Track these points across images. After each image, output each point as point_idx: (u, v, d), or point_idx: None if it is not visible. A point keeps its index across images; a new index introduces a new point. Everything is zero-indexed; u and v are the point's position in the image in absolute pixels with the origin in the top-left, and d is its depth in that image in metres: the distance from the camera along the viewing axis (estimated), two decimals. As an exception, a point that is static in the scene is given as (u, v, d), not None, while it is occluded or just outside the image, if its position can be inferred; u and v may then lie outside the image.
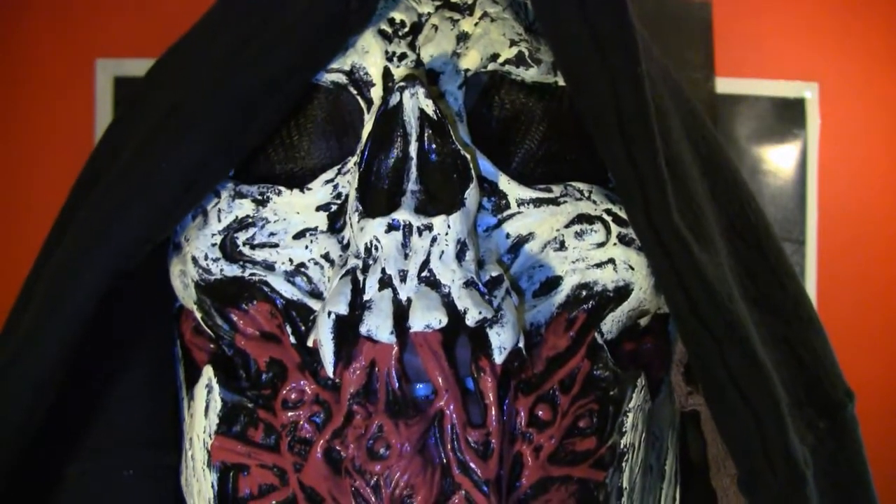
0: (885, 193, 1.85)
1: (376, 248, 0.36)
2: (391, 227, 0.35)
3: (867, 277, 1.82)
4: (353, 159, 0.40)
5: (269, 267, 0.40)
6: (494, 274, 0.37)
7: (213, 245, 0.41)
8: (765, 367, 0.40)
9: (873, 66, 1.84)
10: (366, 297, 0.35)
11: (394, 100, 0.37)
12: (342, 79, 0.42)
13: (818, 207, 1.82)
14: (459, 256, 0.36)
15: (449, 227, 0.36)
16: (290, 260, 0.40)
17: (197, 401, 0.42)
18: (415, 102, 0.37)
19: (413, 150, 0.36)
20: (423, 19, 0.43)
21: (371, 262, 0.36)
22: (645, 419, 0.42)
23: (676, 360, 0.49)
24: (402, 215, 0.35)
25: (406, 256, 0.35)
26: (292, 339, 0.39)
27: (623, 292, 0.41)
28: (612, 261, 0.40)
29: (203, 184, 0.41)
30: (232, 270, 0.41)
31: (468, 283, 0.36)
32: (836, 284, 1.80)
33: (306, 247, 0.40)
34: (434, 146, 0.37)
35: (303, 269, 0.40)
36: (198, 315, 0.42)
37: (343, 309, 0.35)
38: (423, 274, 0.36)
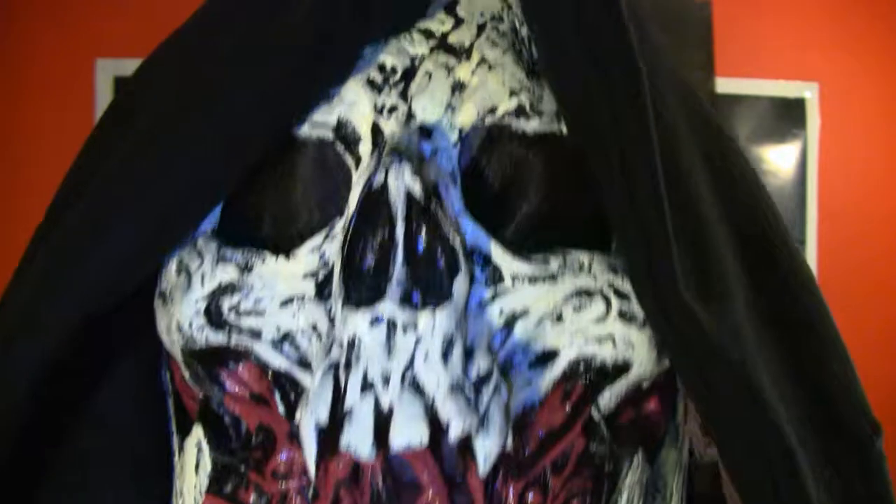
0: (885, 193, 1.85)
1: (359, 344, 0.34)
2: (374, 322, 0.34)
3: (867, 277, 1.82)
4: (341, 223, 0.38)
5: (256, 335, 0.39)
6: (483, 368, 0.36)
7: (198, 311, 0.39)
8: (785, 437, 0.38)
9: (873, 66, 1.84)
10: (346, 404, 0.34)
11: (378, 180, 0.35)
12: (328, 135, 0.39)
13: (818, 207, 1.82)
14: (445, 355, 0.34)
15: (434, 324, 0.34)
16: (278, 328, 0.38)
17: (187, 456, 0.41)
18: (400, 184, 0.35)
19: (399, 234, 0.34)
20: (416, 63, 0.40)
21: (354, 359, 0.34)
22: (642, 492, 0.41)
23: (693, 413, 0.47)
24: (387, 309, 0.34)
25: (390, 353, 0.34)
26: (281, 408, 0.38)
27: (623, 368, 0.39)
28: (611, 337, 0.38)
29: (167, 238, 0.40)
30: (217, 339, 0.39)
31: (454, 388, 0.34)
32: (836, 284, 1.80)
33: (293, 315, 0.38)
34: (421, 232, 0.35)
35: (290, 338, 0.38)
36: (185, 373, 0.41)
37: (323, 417, 0.34)
38: (407, 378, 0.34)
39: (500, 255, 0.38)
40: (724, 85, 1.76)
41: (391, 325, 0.34)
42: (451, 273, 0.35)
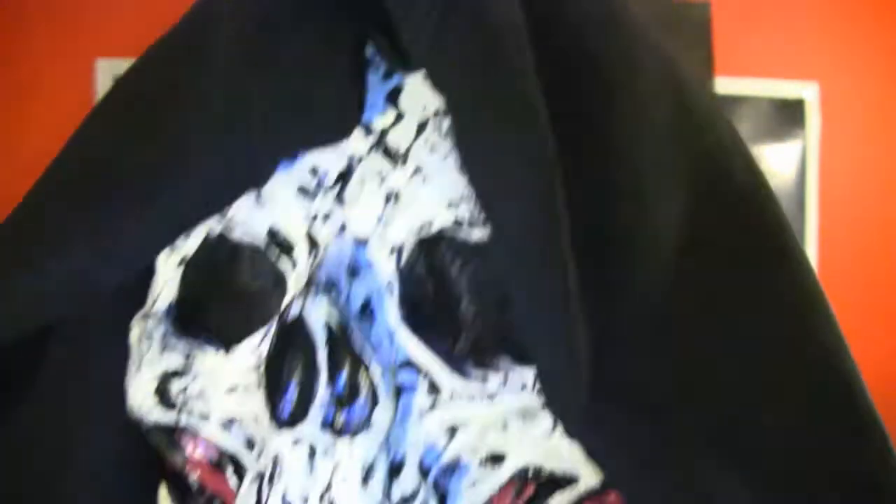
0: (885, 193, 1.85)
1: (281, 461, 0.36)
2: (295, 444, 0.35)
3: (867, 277, 1.82)
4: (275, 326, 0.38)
5: (205, 416, 0.40)
6: (409, 488, 0.37)
7: (149, 392, 0.40)
8: None
9: (873, 66, 1.84)
10: None
11: (293, 311, 0.36)
12: (261, 244, 0.39)
13: (818, 207, 1.82)
14: (365, 480, 0.36)
15: (353, 451, 0.35)
16: (224, 412, 0.39)
17: None
18: (316, 318, 0.35)
19: (322, 359, 0.35)
20: (353, 164, 0.39)
21: (277, 474, 0.36)
22: None
23: None
24: (307, 431, 0.35)
25: (311, 472, 0.35)
26: (233, 481, 0.39)
27: (572, 480, 0.38)
28: (557, 452, 0.38)
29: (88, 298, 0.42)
30: (169, 418, 0.40)
31: None
32: (836, 284, 1.80)
33: (238, 403, 0.39)
34: (343, 363, 0.35)
35: (237, 421, 0.39)
36: (148, 438, 0.42)
37: None
38: (326, 498, 0.35)
39: (437, 371, 0.38)
40: (724, 85, 1.76)
41: (311, 450, 0.35)
42: (373, 403, 0.36)
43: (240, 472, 0.39)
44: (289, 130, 0.38)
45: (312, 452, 0.36)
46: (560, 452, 0.38)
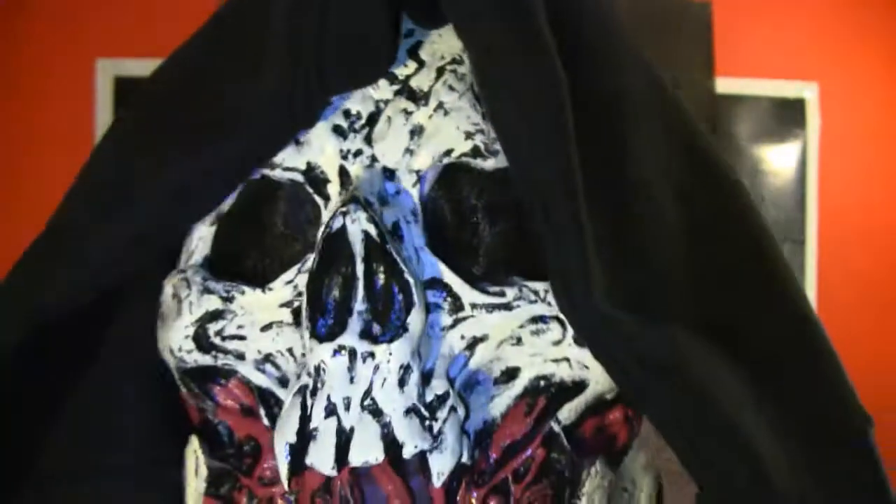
0: (886, 193, 1.85)
1: (324, 371, 0.38)
2: (337, 352, 0.38)
3: (867, 277, 1.82)
4: (312, 256, 0.41)
5: (240, 356, 0.42)
6: (440, 392, 0.39)
7: (187, 337, 0.43)
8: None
9: (873, 66, 1.84)
10: (312, 426, 0.38)
11: (336, 224, 0.38)
12: (299, 178, 0.42)
13: (818, 207, 1.82)
14: (402, 383, 0.38)
15: (391, 354, 0.38)
16: (259, 351, 0.42)
17: (188, 463, 0.45)
18: (357, 227, 0.38)
19: (360, 271, 0.38)
20: (380, 107, 0.43)
21: (319, 384, 0.38)
22: (604, 495, 0.43)
23: None
24: (348, 340, 0.38)
25: (352, 380, 0.38)
26: (266, 421, 0.42)
27: (581, 386, 0.42)
28: (567, 359, 0.41)
29: (138, 258, 0.44)
30: (205, 360, 0.43)
31: (409, 411, 0.38)
32: (836, 284, 1.81)
33: (273, 339, 0.42)
34: (379, 271, 0.38)
35: (271, 359, 0.42)
36: (182, 389, 0.45)
37: (292, 438, 0.38)
38: (367, 402, 0.38)
39: (459, 286, 0.41)
40: (724, 85, 1.76)
41: (352, 355, 0.38)
42: (408, 307, 0.39)
43: (271, 412, 0.42)
44: (341, 70, 0.42)
45: (353, 359, 0.38)
46: (568, 359, 0.41)
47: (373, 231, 0.38)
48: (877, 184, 1.85)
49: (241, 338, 0.43)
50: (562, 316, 0.41)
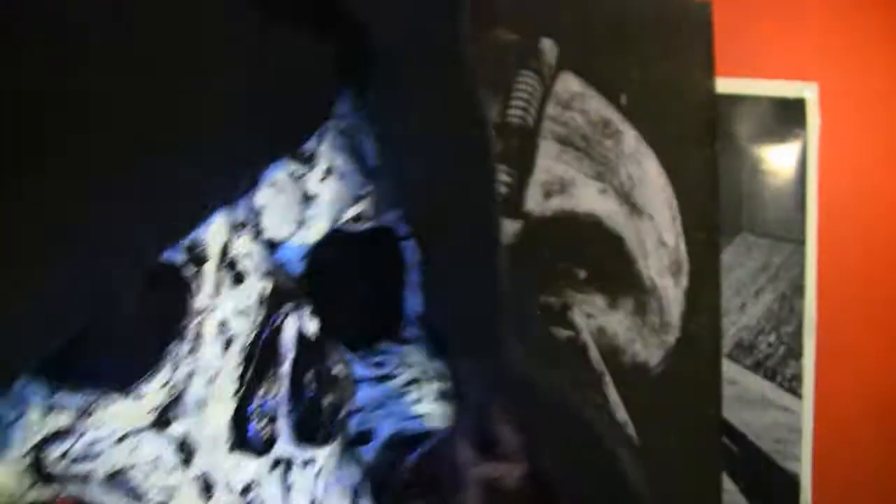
0: (886, 193, 1.85)
1: (257, 487, 0.35)
2: (275, 465, 0.35)
3: (867, 277, 1.82)
4: (186, 346, 0.37)
5: (86, 479, 0.38)
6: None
7: (20, 471, 0.38)
8: None
9: (873, 66, 1.84)
10: None
11: (266, 333, 0.37)
12: (182, 257, 0.39)
13: (818, 207, 1.82)
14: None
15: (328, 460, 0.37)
16: (113, 465, 0.38)
17: None
18: (290, 330, 0.36)
19: (286, 372, 0.36)
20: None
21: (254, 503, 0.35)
22: None
23: None
24: (283, 450, 0.35)
25: (289, 491, 0.35)
26: None
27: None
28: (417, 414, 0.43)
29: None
30: (48, 493, 0.38)
31: None
32: (836, 284, 1.80)
33: (130, 451, 0.38)
34: (309, 371, 0.37)
35: (122, 474, 0.38)
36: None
37: None
38: None
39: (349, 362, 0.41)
40: (724, 85, 1.75)
41: (288, 466, 0.36)
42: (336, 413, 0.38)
43: None
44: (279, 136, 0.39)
45: (287, 469, 0.36)
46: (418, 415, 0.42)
47: (310, 330, 0.37)
48: (877, 183, 1.85)
49: (95, 456, 0.38)
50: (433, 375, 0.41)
